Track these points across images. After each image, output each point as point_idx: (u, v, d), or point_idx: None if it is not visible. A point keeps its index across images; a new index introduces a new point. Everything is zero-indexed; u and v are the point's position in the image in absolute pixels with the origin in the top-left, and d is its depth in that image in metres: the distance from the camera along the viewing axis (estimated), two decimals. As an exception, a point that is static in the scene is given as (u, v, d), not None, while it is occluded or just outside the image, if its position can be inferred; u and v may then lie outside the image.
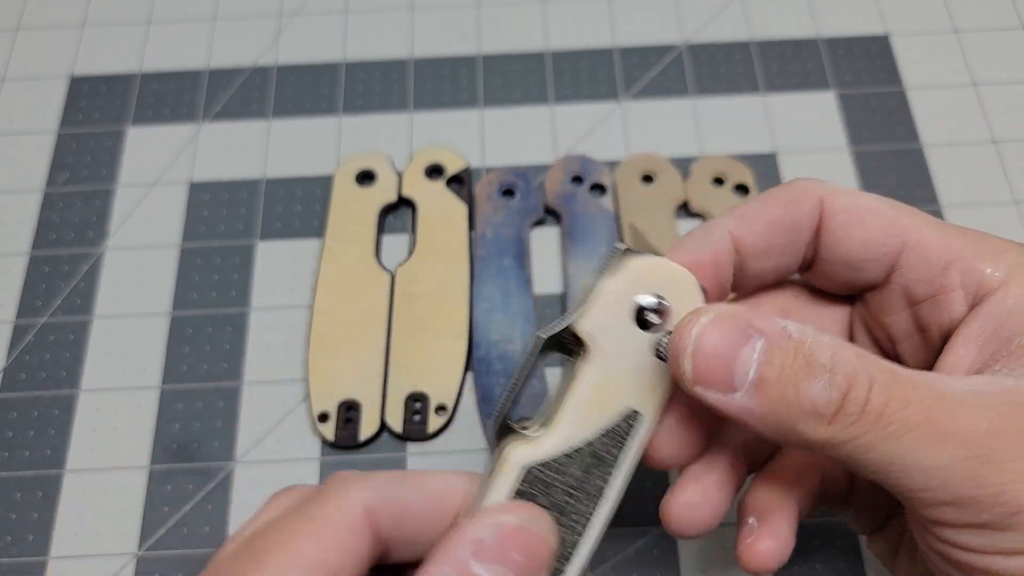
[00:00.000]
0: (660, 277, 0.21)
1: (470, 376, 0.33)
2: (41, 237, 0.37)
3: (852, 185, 0.37)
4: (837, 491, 0.25)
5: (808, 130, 0.39)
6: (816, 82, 0.40)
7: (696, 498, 0.23)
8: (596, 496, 0.21)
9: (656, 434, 0.22)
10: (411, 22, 0.42)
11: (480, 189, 0.37)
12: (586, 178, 0.37)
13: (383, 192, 0.37)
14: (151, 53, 0.42)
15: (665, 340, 0.21)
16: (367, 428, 0.32)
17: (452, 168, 0.37)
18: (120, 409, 0.33)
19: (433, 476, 0.21)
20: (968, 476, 0.19)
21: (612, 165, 0.38)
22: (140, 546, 0.31)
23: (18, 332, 0.35)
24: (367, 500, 0.20)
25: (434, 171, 0.37)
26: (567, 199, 0.36)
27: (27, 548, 0.31)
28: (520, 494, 0.21)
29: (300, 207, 0.37)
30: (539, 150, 0.38)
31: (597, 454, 0.21)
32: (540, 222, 0.37)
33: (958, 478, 0.19)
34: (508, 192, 0.37)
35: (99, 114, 0.40)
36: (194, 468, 0.32)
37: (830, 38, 0.41)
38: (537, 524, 0.20)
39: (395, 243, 0.37)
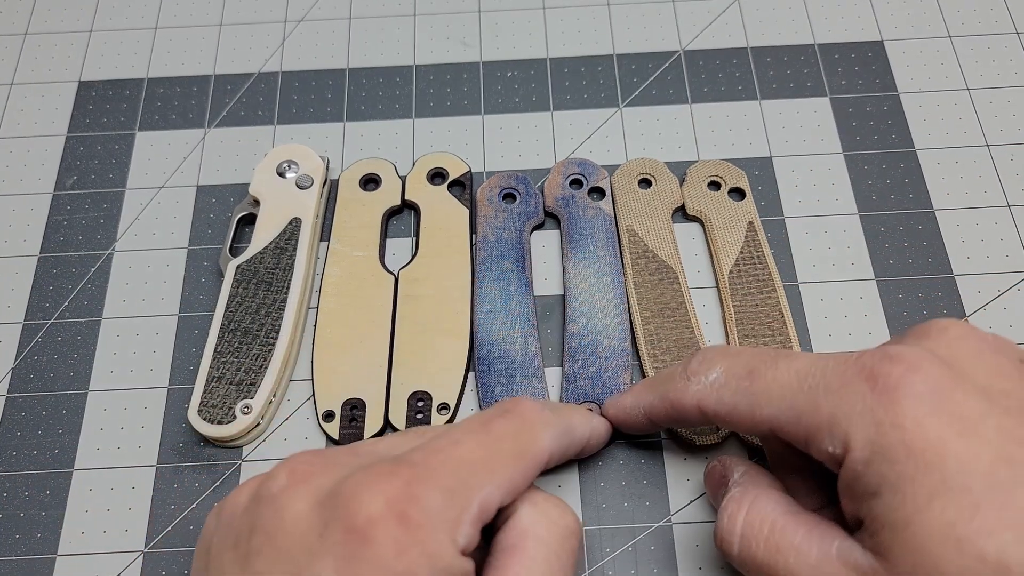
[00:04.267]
0: (292, 153, 0.37)
1: (472, 375, 0.34)
2: (50, 239, 0.37)
3: (846, 188, 0.37)
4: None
5: (803, 135, 0.39)
6: (811, 87, 0.40)
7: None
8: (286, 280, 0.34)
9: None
10: (413, 29, 0.43)
11: (481, 193, 0.37)
12: (585, 182, 0.37)
13: (387, 196, 0.37)
14: (158, 59, 0.42)
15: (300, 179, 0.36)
16: (371, 426, 0.32)
17: (454, 173, 0.38)
18: (128, 408, 0.33)
19: (575, 419, 0.28)
20: None
21: (611, 169, 0.38)
22: (147, 543, 0.31)
23: (27, 332, 0.35)
24: (550, 450, 0.25)
25: (436, 176, 0.38)
26: (566, 202, 0.37)
27: (35, 546, 0.31)
28: (235, 283, 0.34)
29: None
30: (539, 155, 0.39)
31: (279, 246, 0.35)
32: (540, 226, 0.37)
33: None
34: (509, 196, 0.37)
35: (107, 119, 0.41)
36: (201, 466, 0.32)
37: (825, 44, 0.42)
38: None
39: (398, 246, 0.37)
